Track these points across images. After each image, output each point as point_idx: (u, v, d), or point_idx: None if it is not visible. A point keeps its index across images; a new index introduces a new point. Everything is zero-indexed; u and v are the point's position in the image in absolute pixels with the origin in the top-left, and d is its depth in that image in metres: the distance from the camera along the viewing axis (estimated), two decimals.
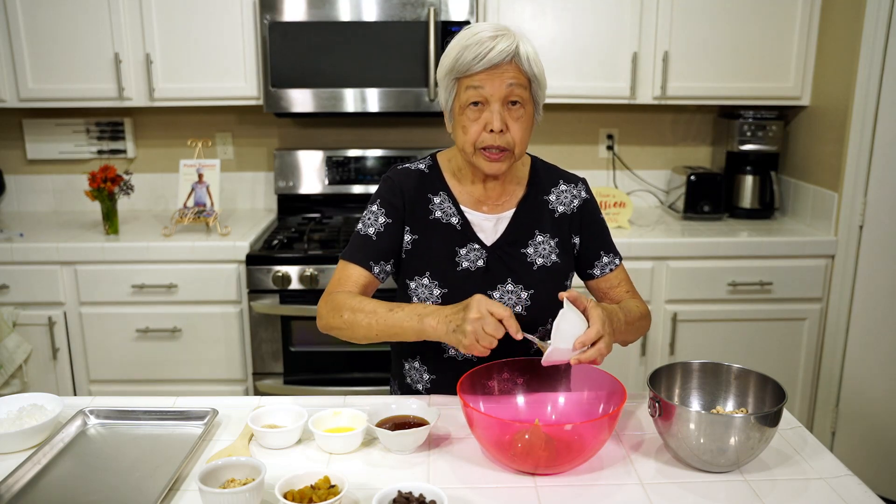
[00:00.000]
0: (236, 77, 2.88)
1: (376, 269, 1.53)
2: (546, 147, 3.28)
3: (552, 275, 1.54)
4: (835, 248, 2.79)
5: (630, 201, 3.00)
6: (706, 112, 3.31)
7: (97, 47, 2.83)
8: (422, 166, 1.59)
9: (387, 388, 1.80)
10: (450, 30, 2.77)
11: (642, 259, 2.77)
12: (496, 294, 1.52)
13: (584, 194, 1.60)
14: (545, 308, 1.50)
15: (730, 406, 1.38)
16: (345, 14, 2.77)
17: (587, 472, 1.26)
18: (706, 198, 3.07)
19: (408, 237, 1.55)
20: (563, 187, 1.59)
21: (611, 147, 3.31)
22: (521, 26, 1.46)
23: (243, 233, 2.87)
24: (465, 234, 1.54)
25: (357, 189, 3.20)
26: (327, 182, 3.19)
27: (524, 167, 1.60)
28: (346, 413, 1.39)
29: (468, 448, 1.34)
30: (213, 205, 2.89)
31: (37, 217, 3.20)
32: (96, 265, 2.73)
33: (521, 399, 1.43)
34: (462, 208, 1.55)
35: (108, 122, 3.23)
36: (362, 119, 3.27)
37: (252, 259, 2.68)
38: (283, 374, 2.75)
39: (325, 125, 3.28)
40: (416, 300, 1.52)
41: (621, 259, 1.63)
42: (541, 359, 1.34)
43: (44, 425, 1.35)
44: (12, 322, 2.73)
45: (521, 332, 1.31)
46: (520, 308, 1.52)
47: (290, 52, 2.80)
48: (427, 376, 1.59)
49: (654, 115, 3.30)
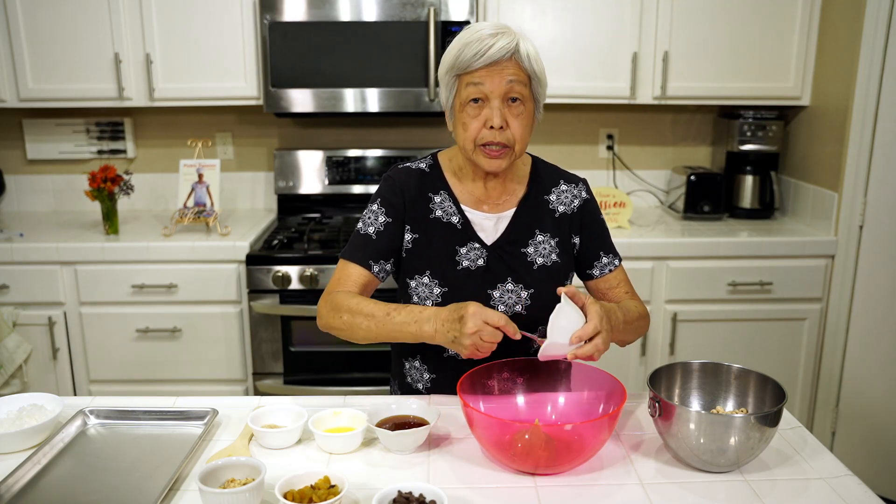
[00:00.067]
0: (236, 77, 2.88)
1: (376, 268, 1.53)
2: (546, 147, 3.28)
3: (552, 274, 1.54)
4: (835, 248, 2.79)
5: (630, 201, 3.00)
6: (706, 112, 3.31)
7: (97, 47, 2.83)
8: (423, 165, 1.59)
9: (387, 388, 1.80)
10: (450, 30, 2.78)
11: (642, 259, 2.77)
12: (496, 293, 1.52)
13: (584, 194, 1.60)
14: (545, 307, 1.50)
15: (730, 406, 1.38)
16: (345, 14, 2.77)
17: (587, 472, 1.26)
18: (706, 198, 3.07)
19: (408, 236, 1.55)
20: (563, 187, 1.59)
21: (611, 147, 3.31)
22: (521, 26, 1.47)
23: (243, 233, 2.87)
24: (466, 233, 1.54)
25: (357, 189, 3.20)
26: (327, 182, 3.19)
27: (525, 167, 1.60)
28: (346, 413, 1.39)
29: (468, 448, 1.34)
30: (213, 205, 2.89)
31: (37, 217, 3.20)
32: (96, 265, 2.73)
33: (521, 399, 1.43)
34: (462, 207, 1.55)
35: (108, 122, 3.23)
36: (362, 119, 3.27)
37: (252, 259, 2.68)
38: (283, 374, 2.75)
39: (325, 125, 3.28)
40: (416, 299, 1.52)
41: (621, 260, 1.63)
42: (543, 359, 1.34)
43: (44, 425, 1.35)
44: (12, 322, 2.73)
45: (520, 332, 1.32)
46: (520, 307, 1.52)
47: (290, 52, 2.80)
48: (427, 375, 1.59)
49: (654, 115, 3.30)
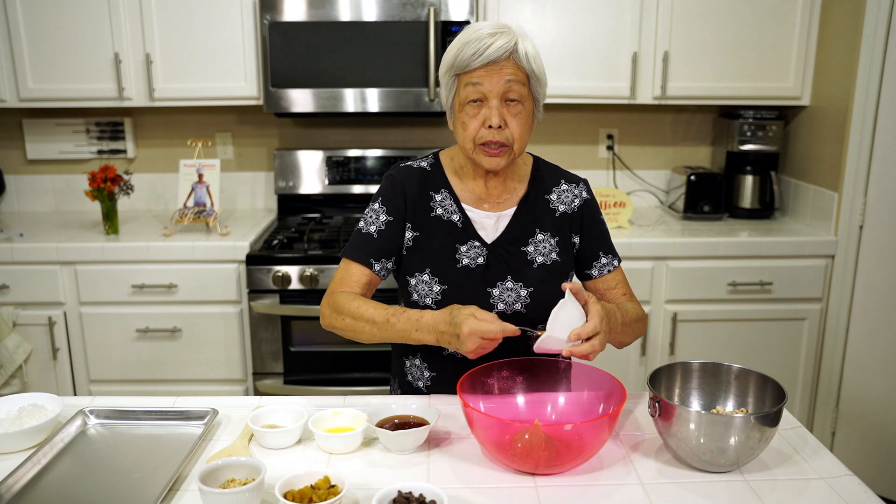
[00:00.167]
0: (236, 77, 2.88)
1: (377, 266, 1.54)
2: (546, 147, 3.28)
3: (552, 273, 1.54)
4: (835, 248, 2.79)
5: (630, 201, 3.00)
6: (706, 112, 3.31)
7: (97, 47, 2.83)
8: (424, 164, 1.60)
9: (387, 387, 1.81)
10: (450, 30, 2.78)
11: (642, 259, 2.77)
12: (496, 291, 1.52)
13: (585, 194, 1.61)
14: (545, 306, 1.50)
15: (730, 406, 1.38)
16: (345, 14, 2.77)
17: (587, 472, 1.26)
18: (706, 198, 3.07)
19: (409, 234, 1.55)
20: (564, 187, 1.60)
21: (611, 147, 3.31)
22: (521, 26, 1.47)
23: (243, 233, 2.87)
24: (466, 231, 1.54)
25: (357, 189, 3.20)
26: (327, 182, 3.19)
27: (526, 166, 1.61)
28: (346, 413, 1.39)
29: (468, 448, 1.34)
30: (213, 205, 2.89)
31: (37, 217, 3.20)
32: (96, 265, 2.73)
33: (521, 399, 1.44)
34: (463, 206, 1.56)
35: (108, 122, 3.23)
36: (362, 119, 3.27)
37: (252, 259, 2.68)
38: (283, 374, 2.75)
39: (325, 125, 3.28)
40: (415, 297, 1.53)
41: (620, 261, 1.63)
42: (538, 351, 1.35)
43: (44, 425, 1.35)
44: (12, 322, 2.73)
45: (519, 328, 1.34)
46: (519, 305, 1.52)
47: (290, 52, 2.80)
48: (427, 374, 1.60)
49: (654, 115, 3.30)
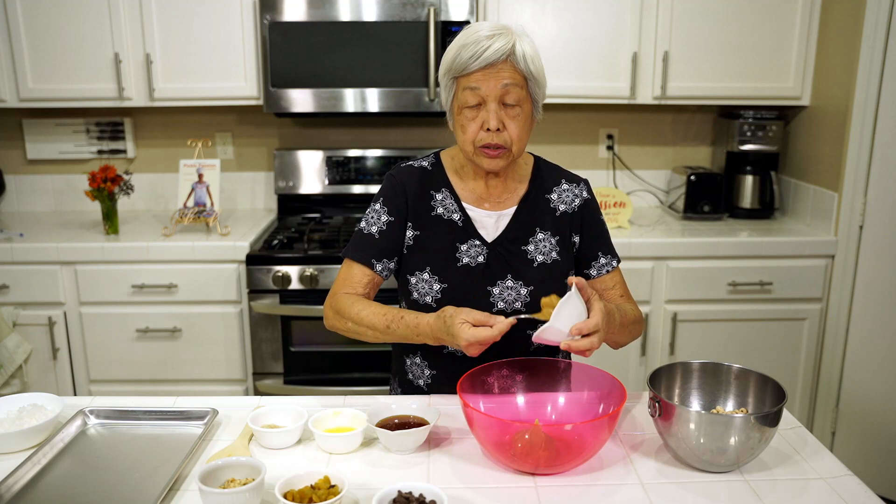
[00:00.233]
0: (236, 77, 2.88)
1: (379, 266, 1.55)
2: (546, 147, 3.28)
3: (552, 272, 1.54)
4: (835, 248, 2.79)
5: (630, 201, 3.00)
6: (706, 112, 3.31)
7: (97, 47, 2.83)
8: (425, 163, 1.61)
9: (387, 387, 1.81)
10: (450, 30, 2.78)
11: (642, 259, 2.77)
12: (496, 290, 1.52)
13: (585, 194, 1.61)
14: None
15: (730, 406, 1.38)
16: (345, 14, 2.77)
17: (587, 472, 1.26)
18: (706, 198, 3.07)
19: (409, 233, 1.56)
20: (564, 186, 1.60)
21: (611, 147, 3.31)
22: (521, 25, 1.47)
23: (243, 233, 2.87)
24: (467, 230, 1.55)
25: (357, 189, 3.20)
26: (327, 182, 3.19)
27: (527, 165, 1.61)
28: (346, 413, 1.39)
29: (468, 448, 1.34)
30: (213, 205, 2.89)
31: (37, 217, 3.20)
32: (96, 265, 2.73)
33: (521, 399, 1.44)
34: (464, 205, 1.56)
35: (108, 122, 3.23)
36: (362, 119, 3.27)
37: (252, 259, 2.68)
38: (283, 374, 2.75)
39: (325, 125, 3.28)
40: (416, 295, 1.54)
41: (619, 262, 1.63)
42: (537, 341, 1.35)
43: (44, 425, 1.35)
44: (12, 322, 2.73)
45: (514, 319, 1.35)
46: (519, 304, 1.52)
47: (290, 52, 2.80)
48: (428, 372, 1.60)
49: (654, 115, 3.29)
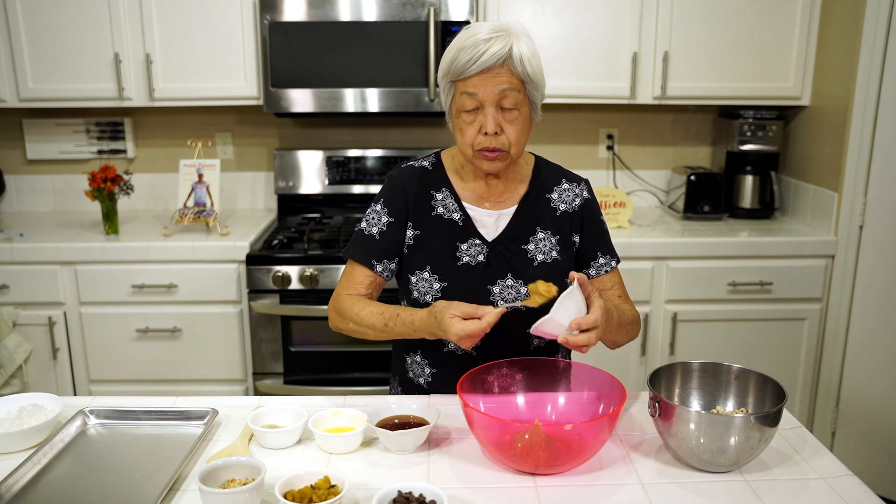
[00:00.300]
0: (236, 77, 2.88)
1: (379, 267, 1.56)
2: (546, 147, 3.28)
3: (552, 271, 1.54)
4: (835, 248, 2.79)
5: (630, 201, 3.00)
6: (706, 112, 3.31)
7: (97, 47, 2.83)
8: (425, 163, 1.61)
9: (387, 388, 1.81)
10: (450, 30, 2.77)
11: (642, 259, 2.77)
12: (496, 288, 1.53)
13: (585, 194, 1.61)
14: (543, 304, 1.51)
15: (730, 406, 1.38)
16: (345, 14, 2.77)
17: (587, 472, 1.26)
18: (706, 198, 3.07)
19: (410, 232, 1.57)
20: (565, 186, 1.60)
21: (611, 147, 3.31)
22: (521, 24, 1.47)
23: (243, 233, 2.87)
24: (467, 229, 1.55)
25: (357, 189, 3.20)
26: (327, 182, 3.19)
27: (528, 165, 1.61)
28: (346, 413, 1.39)
29: (468, 448, 1.34)
30: (213, 205, 2.88)
31: (37, 217, 3.20)
32: (96, 265, 2.73)
33: (521, 399, 1.44)
34: (464, 204, 1.57)
35: (108, 122, 3.23)
36: (362, 119, 3.27)
37: (252, 259, 2.68)
38: (283, 374, 2.75)
39: (325, 125, 3.27)
40: (416, 294, 1.55)
41: (618, 262, 1.63)
42: (535, 332, 1.36)
43: (44, 425, 1.35)
44: (12, 322, 2.72)
45: (503, 308, 1.35)
46: (519, 302, 1.52)
47: (290, 52, 2.80)
48: (428, 370, 1.61)
49: (654, 115, 3.29)
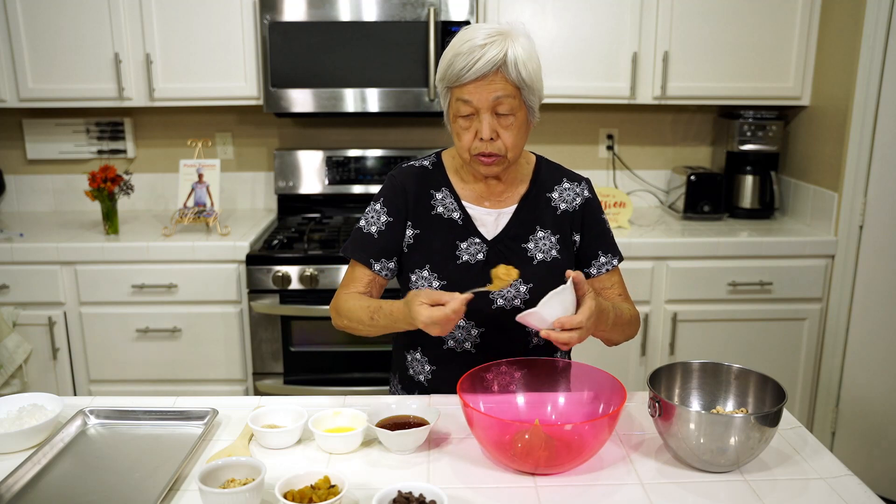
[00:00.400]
0: (236, 77, 2.88)
1: (377, 266, 1.56)
2: (546, 147, 3.27)
3: (552, 270, 1.54)
4: (835, 248, 2.79)
5: (630, 201, 3.00)
6: (706, 112, 3.31)
7: (97, 47, 2.83)
8: (426, 163, 1.62)
9: (387, 388, 1.81)
10: (450, 30, 2.77)
11: (642, 259, 2.77)
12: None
13: (586, 193, 1.61)
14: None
15: (730, 406, 1.38)
16: (345, 14, 2.77)
17: (587, 472, 1.26)
18: (706, 198, 3.07)
19: (409, 231, 1.57)
20: (566, 185, 1.60)
21: (611, 147, 3.31)
22: (520, 23, 1.46)
23: (243, 233, 2.87)
24: (467, 228, 1.56)
25: (357, 189, 3.20)
26: (327, 182, 3.19)
27: (528, 165, 1.62)
28: (346, 413, 1.39)
29: (468, 448, 1.34)
30: (213, 205, 2.88)
31: (37, 217, 3.20)
32: (96, 265, 2.73)
33: (521, 399, 1.44)
34: (464, 203, 1.57)
35: (108, 122, 3.23)
36: (362, 119, 3.27)
37: (252, 259, 2.68)
38: (283, 374, 2.75)
39: (325, 125, 3.27)
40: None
41: (621, 261, 1.63)
42: (520, 321, 1.37)
43: (44, 425, 1.35)
44: (12, 322, 2.72)
45: (469, 294, 1.35)
46: (518, 301, 1.53)
47: (290, 52, 2.80)
48: (428, 367, 1.61)
49: (654, 115, 3.29)
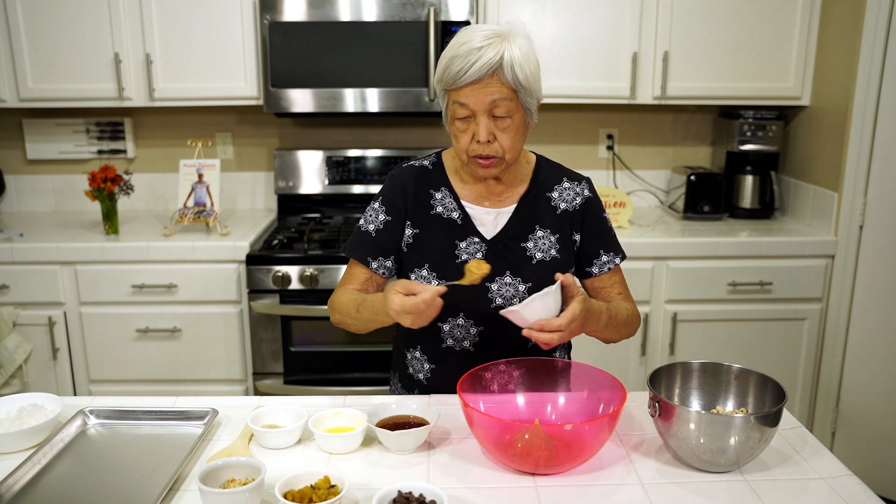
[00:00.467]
0: (236, 77, 2.88)
1: (374, 264, 1.57)
2: (546, 147, 3.27)
3: (551, 270, 1.54)
4: (835, 248, 2.79)
5: (630, 201, 3.00)
6: (706, 112, 3.31)
7: (97, 47, 2.83)
8: (426, 163, 1.62)
9: (387, 388, 1.81)
10: (450, 30, 2.77)
11: (642, 259, 2.77)
12: (494, 286, 1.53)
13: (587, 192, 1.61)
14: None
15: (730, 406, 1.38)
16: (345, 14, 2.77)
17: (587, 472, 1.26)
18: (706, 198, 3.07)
19: (409, 231, 1.57)
20: (566, 185, 1.60)
21: (611, 147, 3.31)
22: (519, 23, 1.45)
23: (243, 233, 2.87)
24: (466, 228, 1.56)
25: (357, 189, 3.20)
26: (327, 182, 3.19)
27: (528, 165, 1.62)
28: (346, 413, 1.39)
29: (468, 448, 1.34)
30: (213, 205, 2.88)
31: (37, 217, 3.20)
32: (96, 265, 2.73)
33: (521, 399, 1.44)
34: (463, 203, 1.57)
35: (108, 122, 3.23)
36: (362, 119, 3.27)
37: (252, 259, 2.68)
38: (283, 374, 2.75)
39: (325, 125, 3.27)
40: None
41: (623, 259, 1.63)
42: (503, 314, 1.39)
43: (44, 425, 1.35)
44: (12, 322, 2.72)
45: (442, 287, 1.34)
46: (517, 300, 1.53)
47: (290, 52, 2.80)
48: (427, 366, 1.61)
49: (654, 115, 3.29)
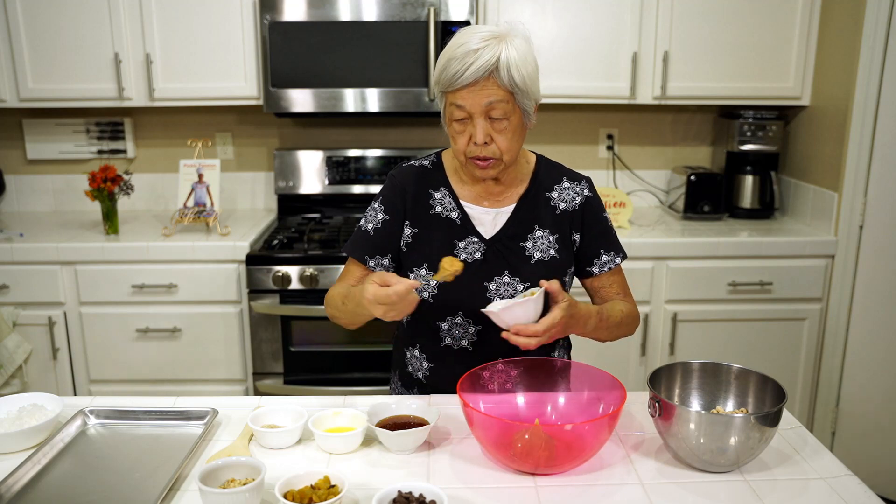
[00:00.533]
0: (236, 77, 2.88)
1: (371, 263, 1.58)
2: (546, 147, 3.27)
3: (549, 269, 1.54)
4: (835, 248, 2.79)
5: (630, 201, 3.00)
6: (706, 112, 3.31)
7: (97, 47, 2.83)
8: (426, 163, 1.63)
9: (387, 388, 1.81)
10: (450, 30, 2.77)
11: (642, 259, 2.77)
12: (493, 285, 1.53)
13: (587, 192, 1.61)
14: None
15: (730, 406, 1.38)
16: (345, 14, 2.77)
17: (587, 472, 1.27)
18: (706, 198, 3.07)
19: (408, 231, 1.58)
20: (566, 184, 1.60)
21: (611, 147, 3.31)
22: (518, 23, 1.45)
23: (243, 233, 2.87)
24: (465, 227, 1.56)
25: (357, 189, 3.20)
26: (327, 182, 3.19)
27: (528, 164, 1.62)
28: (346, 413, 1.39)
29: (468, 448, 1.34)
30: (213, 205, 2.88)
31: (37, 217, 3.20)
32: (96, 265, 2.73)
33: (521, 399, 1.44)
34: (462, 203, 1.58)
35: (108, 122, 3.23)
36: (362, 119, 3.27)
37: (252, 259, 2.68)
38: (283, 374, 2.75)
39: (325, 125, 3.27)
40: (414, 292, 1.54)
41: (624, 258, 1.62)
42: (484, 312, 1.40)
43: (44, 425, 1.35)
44: (12, 322, 2.72)
45: (417, 281, 1.35)
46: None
47: (290, 52, 2.80)
48: (426, 364, 1.62)
49: (654, 115, 3.29)
